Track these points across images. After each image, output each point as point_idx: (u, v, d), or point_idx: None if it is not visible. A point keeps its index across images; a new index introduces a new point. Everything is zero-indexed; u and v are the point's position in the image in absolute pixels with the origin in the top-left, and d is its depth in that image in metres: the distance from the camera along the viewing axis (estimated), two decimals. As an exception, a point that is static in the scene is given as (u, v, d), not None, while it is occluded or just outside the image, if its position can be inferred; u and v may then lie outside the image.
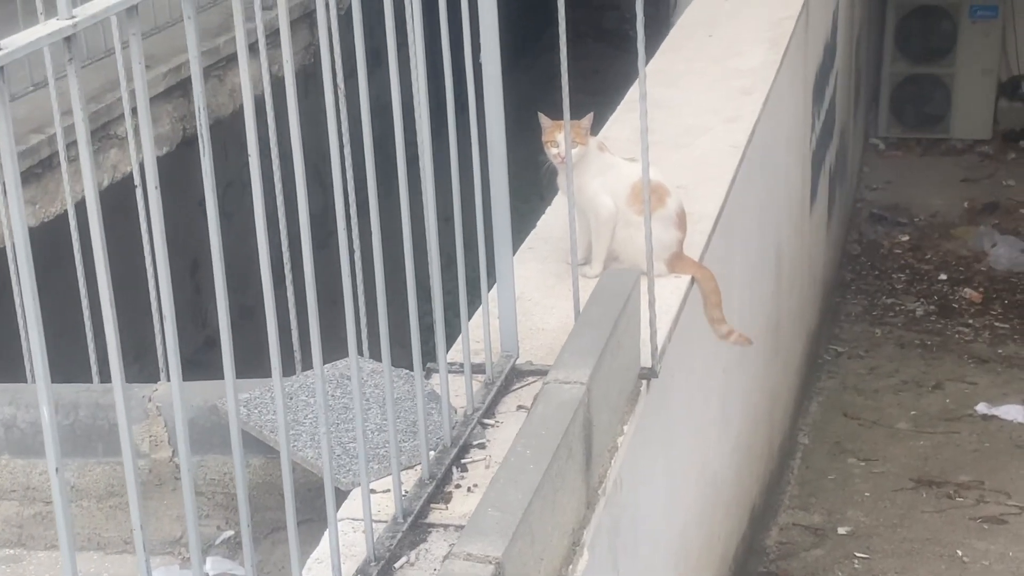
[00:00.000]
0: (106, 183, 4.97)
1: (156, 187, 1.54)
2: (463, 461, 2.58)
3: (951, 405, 6.82)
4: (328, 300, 2.26)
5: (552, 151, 3.26)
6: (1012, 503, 5.90)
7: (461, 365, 2.72)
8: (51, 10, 1.51)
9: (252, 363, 2.58)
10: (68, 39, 1.43)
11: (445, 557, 2.08)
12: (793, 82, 5.62)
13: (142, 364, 5.09)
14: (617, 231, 3.34)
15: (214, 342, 1.79)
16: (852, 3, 8.14)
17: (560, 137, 3.13)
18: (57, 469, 1.45)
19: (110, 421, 2.97)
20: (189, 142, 5.56)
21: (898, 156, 10.41)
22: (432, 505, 2.43)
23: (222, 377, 1.86)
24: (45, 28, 1.42)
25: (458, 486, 2.50)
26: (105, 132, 5.00)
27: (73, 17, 1.44)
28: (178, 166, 5.32)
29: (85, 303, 3.13)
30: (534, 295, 3.27)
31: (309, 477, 2.71)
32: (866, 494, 6.01)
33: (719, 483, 4.47)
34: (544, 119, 3.29)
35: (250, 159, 1.77)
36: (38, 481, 3.02)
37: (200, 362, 5.37)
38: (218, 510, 2.99)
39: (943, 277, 8.43)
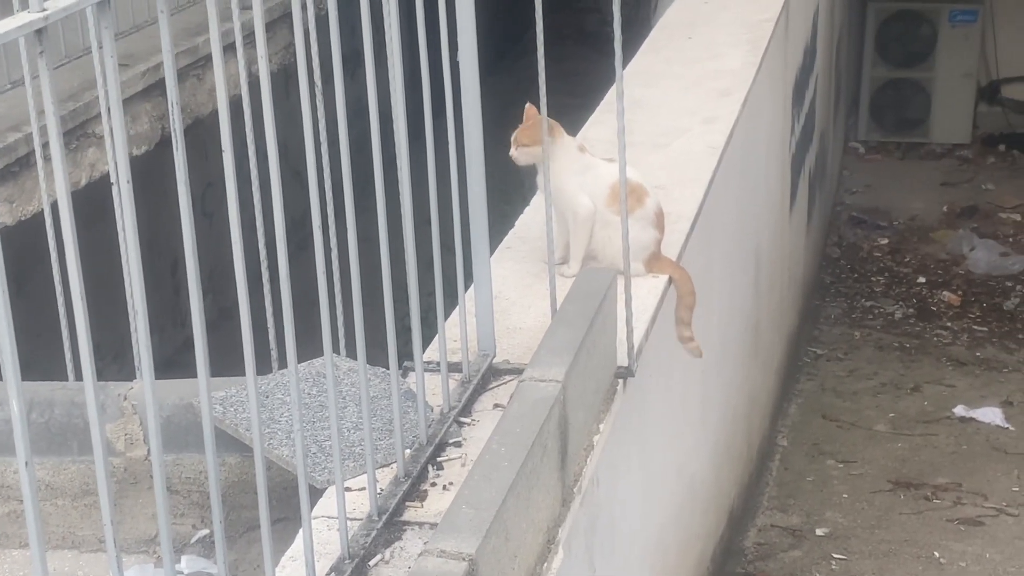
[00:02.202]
0: (84, 182, 4.96)
1: (128, 181, 1.53)
2: (439, 459, 2.58)
3: (929, 407, 6.85)
4: (308, 301, 2.26)
5: (512, 152, 3.29)
6: (989, 505, 5.92)
7: (438, 364, 2.72)
8: (26, 3, 1.51)
9: (231, 363, 2.57)
10: (39, 32, 1.43)
11: (419, 554, 2.08)
12: (772, 84, 5.63)
13: (120, 364, 5.07)
14: (596, 231, 3.34)
15: (193, 342, 1.79)
16: (832, 7, 8.17)
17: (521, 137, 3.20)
18: (27, 463, 1.45)
19: (85, 419, 2.96)
20: (168, 142, 5.54)
21: (878, 160, 10.45)
22: (407, 503, 2.43)
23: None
24: (16, 20, 1.41)
25: (434, 484, 2.50)
26: (83, 131, 4.99)
27: (44, 10, 1.43)
28: (157, 166, 5.31)
29: (60, 301, 3.12)
30: (511, 294, 3.28)
31: (285, 475, 2.71)
32: (844, 496, 6.02)
33: (697, 484, 4.47)
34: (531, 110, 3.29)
35: (224, 155, 1.77)
36: (12, 479, 3.01)
37: (179, 362, 5.35)
38: (194, 509, 2.98)
39: (922, 280, 8.46)
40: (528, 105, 3.31)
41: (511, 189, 4.96)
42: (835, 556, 5.56)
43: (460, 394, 2.78)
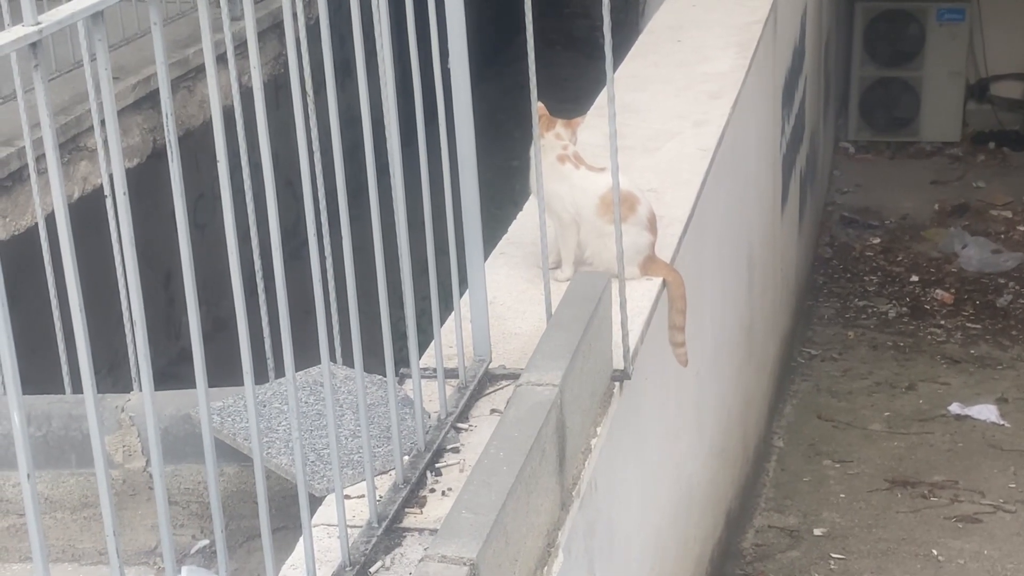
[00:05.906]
0: (76, 195, 4.96)
1: (124, 192, 1.54)
2: (437, 465, 2.58)
3: (924, 406, 6.86)
4: (302, 310, 2.26)
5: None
6: (986, 502, 5.93)
7: (434, 370, 2.73)
8: (18, 18, 1.51)
9: (227, 374, 2.58)
10: (34, 45, 1.43)
11: (420, 560, 2.09)
12: (762, 86, 5.64)
13: (116, 376, 5.08)
14: (590, 241, 3.33)
15: (188, 354, 1.80)
16: (820, 7, 8.19)
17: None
18: (29, 476, 1.45)
19: (83, 432, 2.96)
20: (160, 154, 5.55)
21: (868, 159, 10.47)
22: (407, 509, 2.44)
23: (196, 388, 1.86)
24: (10, 35, 1.42)
25: (432, 490, 2.50)
26: (75, 144, 4.99)
27: (39, 23, 1.44)
28: (149, 178, 5.31)
29: (56, 314, 3.12)
30: (506, 299, 3.28)
31: (284, 484, 2.71)
32: (841, 495, 6.03)
33: (694, 486, 4.48)
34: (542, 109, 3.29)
35: (219, 164, 1.78)
36: (12, 493, 3.01)
37: (175, 374, 5.35)
38: (193, 519, 2.99)
39: (914, 279, 8.47)
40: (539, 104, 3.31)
41: (505, 194, 4.96)
42: (833, 556, 5.57)
43: (457, 400, 2.78)
